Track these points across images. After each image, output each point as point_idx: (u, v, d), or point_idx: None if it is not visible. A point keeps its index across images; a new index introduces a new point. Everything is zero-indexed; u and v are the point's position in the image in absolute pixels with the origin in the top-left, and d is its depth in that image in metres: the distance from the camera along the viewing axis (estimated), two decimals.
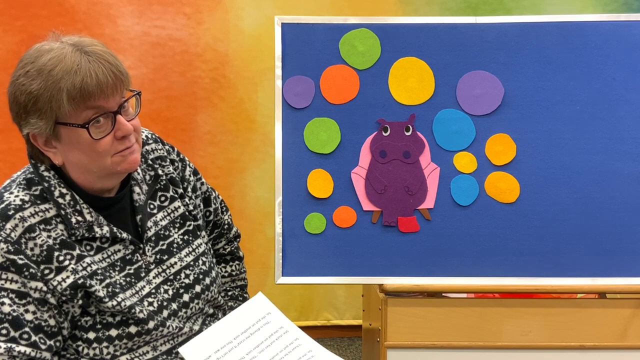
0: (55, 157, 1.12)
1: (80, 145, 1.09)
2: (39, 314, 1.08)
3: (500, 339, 1.46)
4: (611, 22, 1.49)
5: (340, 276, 1.49)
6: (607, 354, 1.45)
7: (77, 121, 1.07)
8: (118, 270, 1.17)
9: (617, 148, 1.48)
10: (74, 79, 1.05)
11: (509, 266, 1.47)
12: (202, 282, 1.27)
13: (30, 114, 1.08)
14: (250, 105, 2.81)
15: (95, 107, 1.07)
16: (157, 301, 1.19)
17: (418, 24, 1.51)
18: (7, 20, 2.61)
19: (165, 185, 1.29)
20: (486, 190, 1.49)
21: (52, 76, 1.05)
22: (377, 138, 1.50)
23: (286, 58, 1.51)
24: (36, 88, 1.06)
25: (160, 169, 1.29)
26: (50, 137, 1.10)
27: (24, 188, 1.12)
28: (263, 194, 2.82)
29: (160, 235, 1.25)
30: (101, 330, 1.12)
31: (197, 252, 1.29)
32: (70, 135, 1.09)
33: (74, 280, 1.09)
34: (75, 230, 1.12)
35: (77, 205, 1.12)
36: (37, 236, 1.08)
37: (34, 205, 1.10)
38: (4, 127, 2.60)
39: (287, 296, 2.86)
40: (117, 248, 1.18)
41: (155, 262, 1.22)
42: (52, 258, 1.09)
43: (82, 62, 1.06)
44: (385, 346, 1.46)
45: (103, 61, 1.08)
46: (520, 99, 1.49)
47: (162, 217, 1.26)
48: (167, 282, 1.23)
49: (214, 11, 2.76)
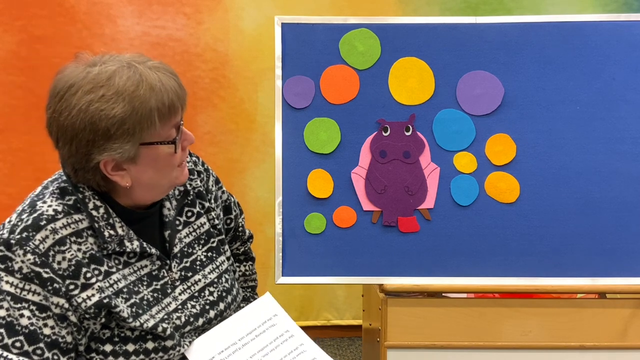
0: (122, 180, 1.08)
1: (156, 163, 1.09)
2: (57, 329, 1.05)
3: (500, 339, 1.46)
4: (611, 22, 1.49)
5: (340, 276, 1.49)
6: (607, 354, 1.45)
7: (163, 138, 1.08)
8: (146, 285, 1.15)
9: (617, 148, 1.48)
10: (162, 96, 1.05)
11: (509, 266, 1.47)
12: (225, 299, 1.26)
13: (113, 139, 1.03)
14: (250, 105, 2.81)
15: (177, 123, 1.10)
16: (184, 316, 1.18)
17: (418, 24, 1.51)
18: (7, 20, 2.61)
19: (193, 201, 1.27)
20: (486, 190, 1.49)
21: (139, 97, 1.03)
22: (377, 138, 1.50)
23: (286, 58, 1.51)
24: (121, 111, 1.02)
25: (189, 183, 1.28)
26: (124, 161, 1.07)
27: (57, 197, 1.09)
28: (263, 194, 2.82)
29: (184, 253, 1.23)
30: (118, 343, 1.10)
31: (221, 269, 1.28)
32: (149, 154, 1.08)
33: (100, 300, 1.06)
34: (107, 245, 1.09)
35: (110, 219, 1.10)
36: (67, 250, 1.05)
37: (67, 216, 1.07)
38: (4, 127, 2.60)
39: (287, 296, 2.86)
40: (144, 263, 1.16)
41: (180, 278, 1.20)
42: (80, 274, 1.06)
43: (163, 78, 1.06)
44: (385, 346, 1.46)
45: (169, 74, 1.08)
46: (520, 99, 1.49)
47: (186, 234, 1.25)
48: (193, 299, 1.21)
49: (214, 11, 2.76)
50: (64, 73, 1.07)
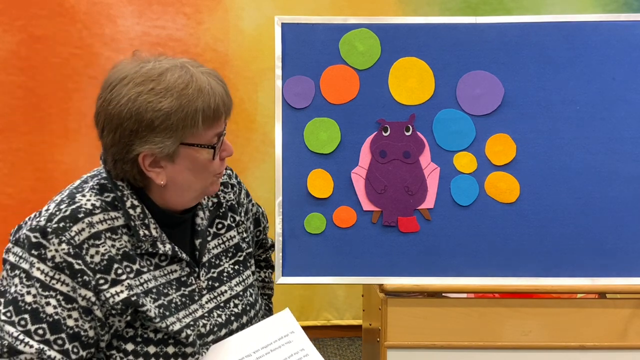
0: (158, 177, 1.10)
1: (194, 166, 1.11)
2: (81, 322, 1.06)
3: (500, 339, 1.46)
4: (611, 22, 1.49)
5: (340, 276, 1.49)
6: (607, 354, 1.45)
7: (203, 142, 1.10)
8: (175, 289, 1.16)
9: (617, 148, 1.48)
10: (209, 99, 1.08)
11: (509, 266, 1.47)
12: (248, 313, 1.28)
13: (155, 131, 1.06)
14: (250, 105, 2.81)
15: (220, 131, 1.13)
16: (210, 325, 1.19)
17: (418, 24, 1.51)
18: (7, 20, 2.61)
19: (224, 213, 1.30)
20: (486, 190, 1.49)
21: (187, 95, 1.06)
22: (377, 138, 1.50)
23: (286, 58, 1.51)
24: (168, 106, 1.05)
25: (222, 195, 1.30)
26: (162, 158, 1.09)
27: (96, 193, 1.11)
28: (263, 194, 2.81)
29: (212, 263, 1.24)
30: (140, 344, 1.11)
31: (246, 283, 1.30)
32: (188, 155, 1.10)
33: (128, 296, 1.07)
34: (142, 243, 1.11)
35: (145, 219, 1.12)
36: (101, 244, 1.07)
37: (104, 212, 1.09)
38: (4, 127, 2.60)
39: (287, 296, 2.86)
40: (174, 268, 1.17)
41: (207, 287, 1.22)
42: (111, 269, 1.07)
43: (212, 83, 1.09)
44: (385, 346, 1.46)
45: (219, 81, 1.11)
46: (520, 99, 1.49)
47: (214, 245, 1.26)
48: (219, 309, 1.22)
49: (214, 11, 2.76)
50: (118, 67, 1.10)
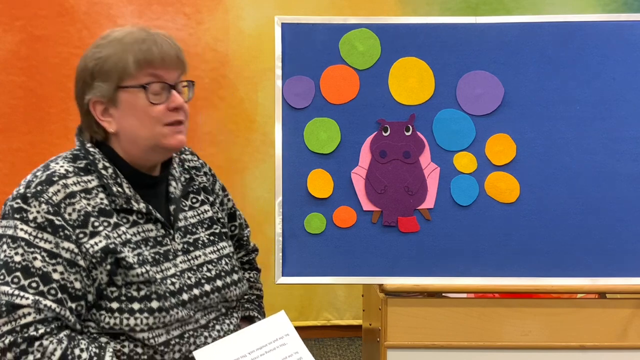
0: (110, 125, 1.21)
1: (135, 111, 1.19)
2: (66, 275, 1.13)
3: (500, 339, 1.46)
4: (611, 22, 1.49)
5: (340, 276, 1.49)
6: (607, 354, 1.45)
7: (136, 84, 1.18)
8: (150, 246, 1.22)
9: (617, 148, 1.48)
10: (141, 45, 1.18)
11: (509, 266, 1.47)
12: (223, 278, 1.32)
13: (96, 78, 1.18)
14: (250, 105, 2.81)
15: (156, 75, 1.19)
16: (179, 283, 1.23)
17: (418, 24, 1.51)
18: (7, 20, 2.61)
19: (198, 190, 1.37)
20: (486, 190, 1.49)
21: (122, 43, 1.18)
22: (377, 138, 1.50)
23: (286, 58, 1.51)
24: (106, 53, 1.18)
25: (195, 173, 1.39)
26: (109, 105, 1.20)
27: (69, 161, 1.21)
28: (263, 194, 2.82)
29: (188, 230, 1.31)
30: (125, 302, 1.17)
31: (222, 252, 1.35)
32: (128, 99, 1.19)
33: (106, 245, 1.15)
34: (116, 198, 1.19)
35: (118, 179, 1.21)
36: (77, 202, 1.16)
37: (77, 176, 1.19)
38: (4, 127, 2.60)
39: (287, 296, 2.86)
40: (150, 227, 1.24)
41: (182, 250, 1.28)
42: (88, 223, 1.16)
43: (151, 35, 1.20)
44: (385, 346, 1.46)
45: (169, 39, 1.22)
46: (520, 99, 1.49)
47: (192, 215, 1.33)
48: (191, 271, 1.27)
49: (214, 11, 2.76)
50: None
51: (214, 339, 1.26)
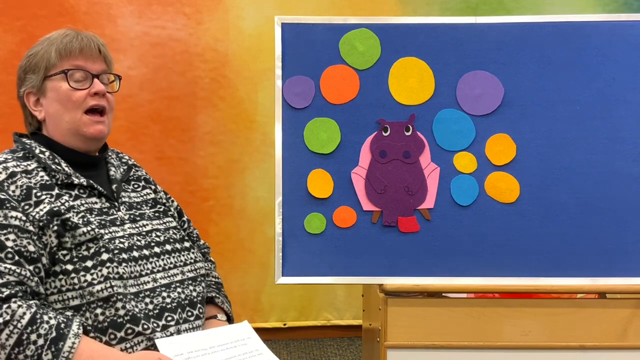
0: (40, 114, 1.34)
1: (59, 96, 1.31)
2: (19, 240, 1.19)
3: (500, 339, 1.46)
4: (611, 22, 1.49)
5: (340, 276, 1.49)
6: (607, 354, 1.45)
7: (60, 70, 1.31)
8: (95, 214, 1.28)
9: (617, 148, 1.48)
10: (64, 39, 1.32)
11: (509, 266, 1.47)
12: (172, 244, 1.37)
13: (27, 71, 1.34)
14: (250, 105, 2.81)
15: (78, 65, 1.32)
16: (128, 243, 1.29)
17: (418, 24, 1.51)
18: (7, 20, 2.61)
19: (138, 178, 1.46)
20: (486, 190, 1.49)
21: (49, 40, 1.34)
22: (377, 138, 1.50)
23: (286, 58, 1.51)
24: (35, 50, 1.34)
25: (135, 168, 1.48)
26: (39, 95, 1.34)
27: (7, 152, 1.33)
28: (263, 194, 2.82)
29: (133, 205, 1.37)
30: (78, 262, 1.22)
31: (168, 225, 1.40)
32: (54, 87, 1.32)
33: (51, 208, 1.22)
34: (56, 174, 1.28)
35: (55, 159, 1.30)
36: (18, 180, 1.24)
37: (17, 161, 1.28)
38: (3, 127, 2.60)
39: (287, 296, 2.86)
40: (94, 200, 1.31)
41: (129, 219, 1.34)
42: (31, 195, 1.23)
43: (74, 33, 1.34)
44: (385, 346, 1.46)
45: (92, 37, 1.36)
46: (520, 99, 1.49)
47: (135, 196, 1.40)
48: (140, 235, 1.33)
49: (214, 11, 2.76)
50: None
51: (178, 299, 1.29)
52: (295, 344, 2.91)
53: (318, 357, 2.77)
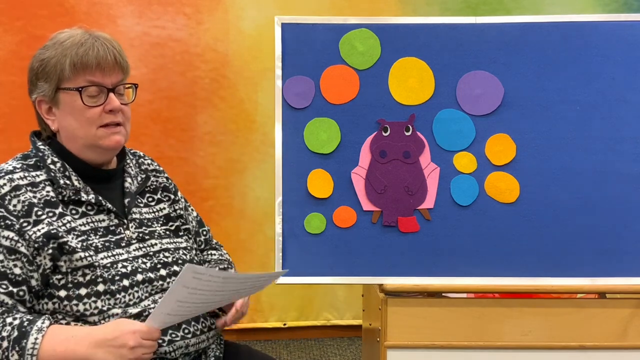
0: (53, 123, 1.27)
1: (73, 112, 1.24)
2: (6, 262, 1.16)
3: (500, 339, 1.46)
4: (611, 22, 1.49)
5: (340, 276, 1.49)
6: (607, 354, 1.45)
7: (72, 86, 1.23)
8: (100, 235, 1.24)
9: (617, 148, 1.48)
10: (78, 49, 1.23)
11: (509, 266, 1.47)
12: (180, 265, 1.32)
13: (40, 78, 1.25)
14: (250, 105, 2.81)
15: (92, 78, 1.24)
16: (131, 266, 1.25)
17: (418, 24, 1.51)
18: (7, 20, 2.61)
19: (155, 189, 1.39)
20: (486, 190, 1.49)
21: (62, 46, 1.24)
22: (377, 138, 1.50)
23: (286, 58, 1.51)
24: (48, 55, 1.24)
25: (154, 178, 1.41)
26: (52, 104, 1.26)
27: (18, 159, 1.28)
28: (263, 194, 2.82)
29: (143, 222, 1.32)
30: (72, 289, 1.18)
31: (178, 245, 1.36)
32: (67, 100, 1.24)
33: (48, 230, 1.18)
34: (63, 190, 1.23)
35: (66, 172, 1.25)
36: (22, 194, 1.20)
37: (25, 171, 1.24)
38: (4, 127, 2.60)
39: (287, 296, 2.86)
40: (101, 218, 1.27)
41: (137, 239, 1.29)
42: (32, 213, 1.19)
43: (90, 40, 1.24)
44: (385, 346, 1.46)
45: (108, 44, 1.26)
46: (520, 99, 1.49)
47: (147, 212, 1.35)
48: (147, 257, 1.28)
49: (214, 11, 2.76)
50: None
51: None
52: (295, 344, 2.91)
53: (318, 357, 2.77)
